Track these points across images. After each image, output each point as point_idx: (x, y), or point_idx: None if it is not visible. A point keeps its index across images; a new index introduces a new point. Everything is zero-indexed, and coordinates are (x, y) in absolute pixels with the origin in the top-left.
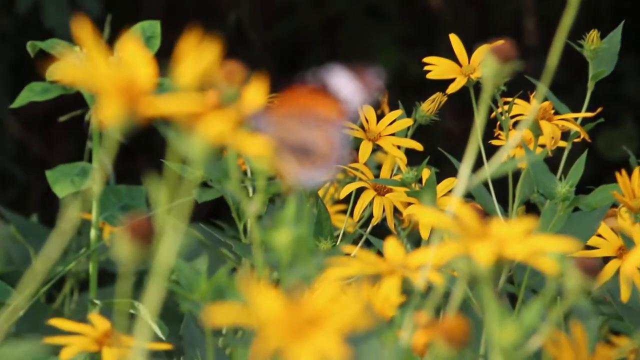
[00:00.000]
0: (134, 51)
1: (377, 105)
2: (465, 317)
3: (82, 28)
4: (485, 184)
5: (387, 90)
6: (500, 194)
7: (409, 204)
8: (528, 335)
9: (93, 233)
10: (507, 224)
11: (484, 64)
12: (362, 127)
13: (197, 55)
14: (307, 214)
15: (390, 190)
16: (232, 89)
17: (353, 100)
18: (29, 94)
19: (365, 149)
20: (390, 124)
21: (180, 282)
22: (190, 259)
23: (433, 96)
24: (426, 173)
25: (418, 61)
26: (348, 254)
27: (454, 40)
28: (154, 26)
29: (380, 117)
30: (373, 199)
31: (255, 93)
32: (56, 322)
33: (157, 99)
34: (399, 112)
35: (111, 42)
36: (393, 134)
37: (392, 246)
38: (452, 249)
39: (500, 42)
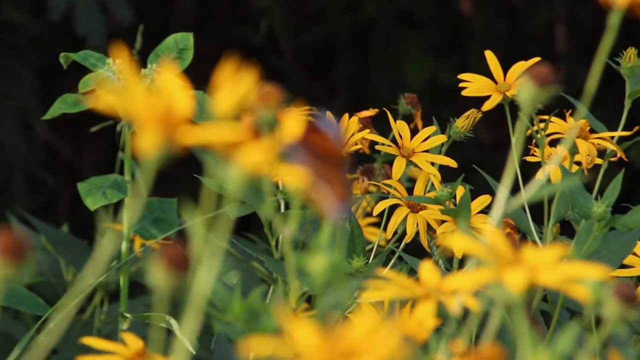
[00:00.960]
0: (171, 78)
1: (410, 120)
2: (502, 344)
3: (120, 53)
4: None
5: (419, 102)
6: (535, 211)
7: (443, 221)
8: None
9: (124, 245)
10: (539, 249)
11: (521, 88)
12: (395, 142)
13: (234, 83)
14: (339, 231)
15: (424, 208)
16: (269, 112)
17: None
18: (61, 106)
19: (399, 165)
20: (424, 140)
21: (214, 302)
22: (221, 273)
23: (468, 112)
24: (460, 190)
25: (449, 69)
26: (382, 277)
27: (489, 56)
28: (187, 38)
29: (414, 131)
30: (406, 216)
31: (294, 122)
32: (89, 340)
33: (194, 128)
34: (433, 129)
35: (143, 52)
36: (427, 150)
37: (427, 269)
38: (483, 275)
39: (536, 62)
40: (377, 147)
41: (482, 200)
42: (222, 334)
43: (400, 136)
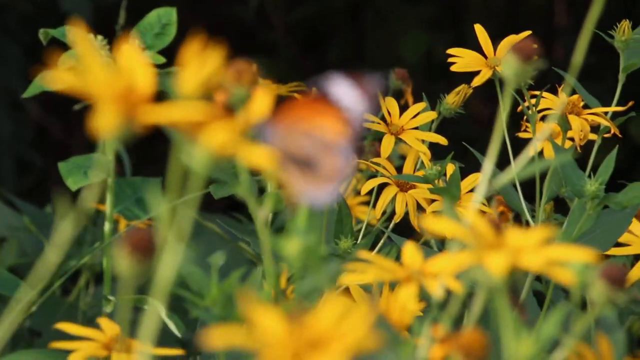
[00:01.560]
0: (133, 55)
1: (400, 95)
2: (487, 329)
3: (77, 30)
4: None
5: (411, 78)
6: (527, 189)
7: (433, 200)
8: (550, 349)
9: (107, 226)
10: (523, 231)
11: (505, 63)
12: (383, 119)
13: (201, 61)
14: (326, 212)
15: (414, 187)
16: (241, 90)
17: (354, 108)
18: (41, 84)
19: (388, 143)
20: (414, 116)
21: (190, 286)
22: (205, 254)
23: (458, 88)
24: (450, 168)
25: (446, 44)
26: (364, 259)
27: (479, 30)
28: (170, 13)
29: (404, 108)
30: (395, 195)
31: (262, 100)
32: (64, 326)
33: (157, 107)
34: (422, 105)
35: (128, 28)
36: (417, 128)
37: (410, 251)
38: (464, 259)
39: (526, 36)
40: (365, 124)
41: (473, 178)
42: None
43: (389, 113)
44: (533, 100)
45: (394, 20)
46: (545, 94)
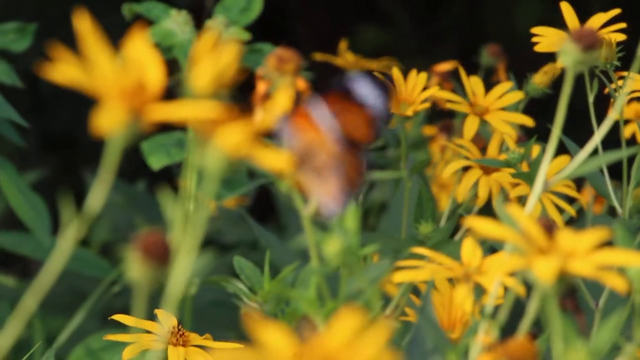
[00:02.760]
0: (142, 50)
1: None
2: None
3: (83, 22)
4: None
5: (524, 48)
6: (614, 173)
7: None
8: (607, 357)
9: (191, 206)
10: (576, 235)
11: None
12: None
13: (215, 56)
14: (406, 194)
15: (498, 170)
16: (284, 78)
17: (377, 107)
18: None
19: (471, 124)
20: (500, 97)
21: (242, 282)
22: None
23: (546, 67)
24: (536, 150)
25: (561, 14)
26: (420, 255)
27: (565, 7)
28: None
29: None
30: (479, 178)
31: (282, 98)
32: (120, 318)
33: (167, 104)
34: (509, 85)
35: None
36: (503, 109)
37: (468, 248)
38: (515, 263)
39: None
40: (448, 104)
41: (560, 161)
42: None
43: (474, 93)
44: (620, 82)
45: None
46: (633, 75)
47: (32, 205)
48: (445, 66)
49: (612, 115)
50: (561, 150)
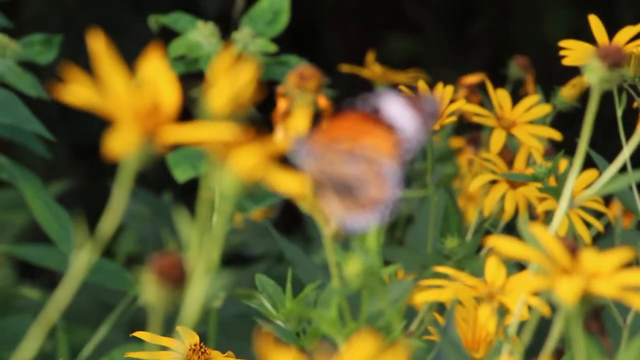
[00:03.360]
0: (157, 70)
1: (519, 85)
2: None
3: (98, 41)
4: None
5: (554, 58)
6: None
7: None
8: None
9: (216, 219)
10: (600, 256)
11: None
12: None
13: (232, 76)
14: (432, 208)
15: (525, 184)
16: (306, 96)
17: (408, 129)
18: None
19: (498, 137)
20: (528, 110)
21: (264, 299)
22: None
23: (574, 80)
24: (563, 164)
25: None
26: (442, 274)
27: (593, 20)
28: (282, 0)
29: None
30: (505, 192)
31: (300, 118)
32: (141, 335)
33: (182, 126)
34: (536, 98)
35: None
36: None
37: (492, 267)
38: (538, 283)
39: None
40: (474, 117)
41: (588, 175)
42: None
43: (501, 106)
44: None
45: None
46: None
47: (57, 218)
48: (472, 78)
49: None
50: (590, 163)
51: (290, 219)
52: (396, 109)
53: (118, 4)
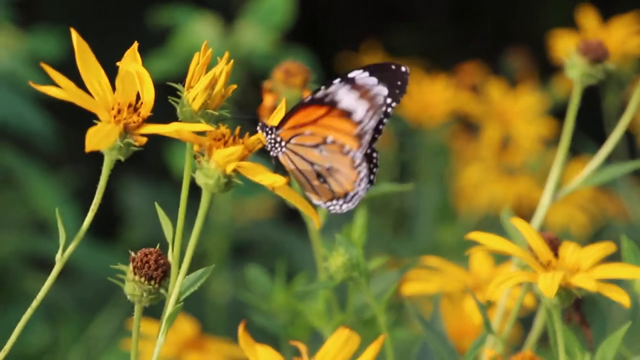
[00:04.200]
0: (136, 67)
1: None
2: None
3: (78, 42)
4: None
5: (529, 57)
6: None
7: None
8: None
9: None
10: (581, 249)
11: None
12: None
13: (208, 75)
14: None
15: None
16: (290, 91)
17: (363, 118)
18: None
19: (492, 130)
20: (522, 102)
21: (253, 291)
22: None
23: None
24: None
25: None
26: (429, 266)
27: (584, 13)
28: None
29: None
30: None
31: (279, 114)
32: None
33: (157, 124)
34: (531, 89)
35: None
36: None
37: (479, 259)
38: (520, 277)
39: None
40: (467, 108)
41: (575, 167)
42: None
43: (495, 98)
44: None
45: None
46: None
47: (62, 210)
48: (467, 69)
49: (623, 123)
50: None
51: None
52: (348, 95)
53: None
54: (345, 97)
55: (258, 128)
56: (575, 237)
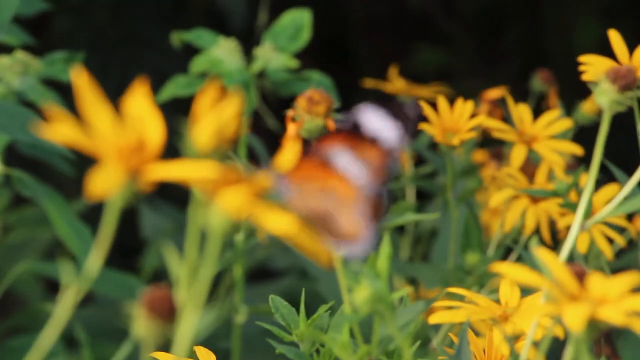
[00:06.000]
0: (143, 106)
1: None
2: None
3: (80, 77)
4: None
5: (555, 81)
6: None
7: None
8: None
9: (240, 236)
10: (607, 281)
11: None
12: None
13: (217, 112)
14: (453, 224)
15: (546, 199)
16: (314, 120)
17: (390, 139)
18: (174, 88)
19: (519, 153)
20: (549, 125)
21: (276, 320)
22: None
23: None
24: (584, 179)
25: (623, 34)
26: (455, 294)
27: (613, 35)
28: (303, 16)
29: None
30: (527, 208)
31: (289, 151)
32: (158, 355)
33: (167, 164)
34: (558, 112)
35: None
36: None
37: (506, 288)
38: (546, 309)
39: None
40: (494, 133)
41: (609, 190)
42: None
43: (522, 120)
44: None
45: (570, 6)
46: None
47: (79, 235)
48: (494, 93)
49: None
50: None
51: None
52: (376, 121)
53: (146, 18)
54: (371, 120)
55: (268, 174)
56: (601, 265)
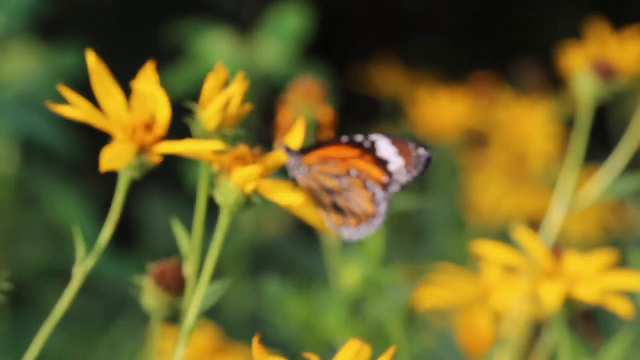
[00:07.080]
0: (151, 85)
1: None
2: None
3: (93, 60)
4: None
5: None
6: None
7: None
8: None
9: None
10: (583, 259)
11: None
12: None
13: (222, 96)
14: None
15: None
16: (308, 107)
17: (397, 168)
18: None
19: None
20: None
21: (268, 302)
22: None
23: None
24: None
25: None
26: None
27: (591, 26)
28: (300, 10)
29: None
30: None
31: (298, 132)
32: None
33: (173, 142)
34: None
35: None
36: None
37: (488, 269)
38: (522, 287)
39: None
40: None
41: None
42: None
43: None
44: None
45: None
46: None
47: (80, 220)
48: (480, 79)
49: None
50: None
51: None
52: (388, 149)
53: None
54: (385, 147)
55: (281, 148)
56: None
